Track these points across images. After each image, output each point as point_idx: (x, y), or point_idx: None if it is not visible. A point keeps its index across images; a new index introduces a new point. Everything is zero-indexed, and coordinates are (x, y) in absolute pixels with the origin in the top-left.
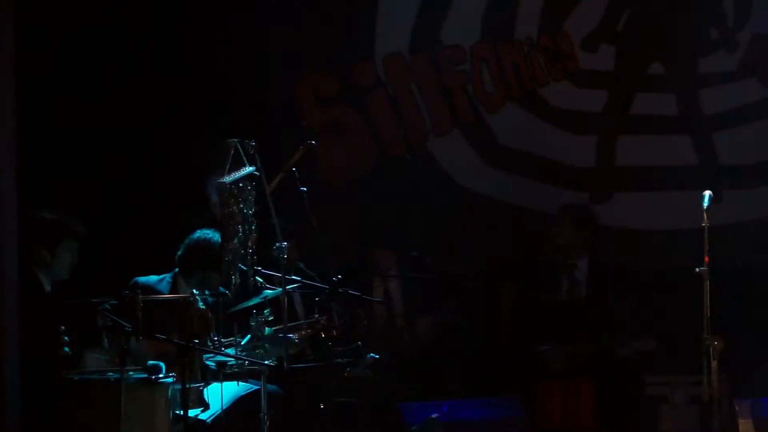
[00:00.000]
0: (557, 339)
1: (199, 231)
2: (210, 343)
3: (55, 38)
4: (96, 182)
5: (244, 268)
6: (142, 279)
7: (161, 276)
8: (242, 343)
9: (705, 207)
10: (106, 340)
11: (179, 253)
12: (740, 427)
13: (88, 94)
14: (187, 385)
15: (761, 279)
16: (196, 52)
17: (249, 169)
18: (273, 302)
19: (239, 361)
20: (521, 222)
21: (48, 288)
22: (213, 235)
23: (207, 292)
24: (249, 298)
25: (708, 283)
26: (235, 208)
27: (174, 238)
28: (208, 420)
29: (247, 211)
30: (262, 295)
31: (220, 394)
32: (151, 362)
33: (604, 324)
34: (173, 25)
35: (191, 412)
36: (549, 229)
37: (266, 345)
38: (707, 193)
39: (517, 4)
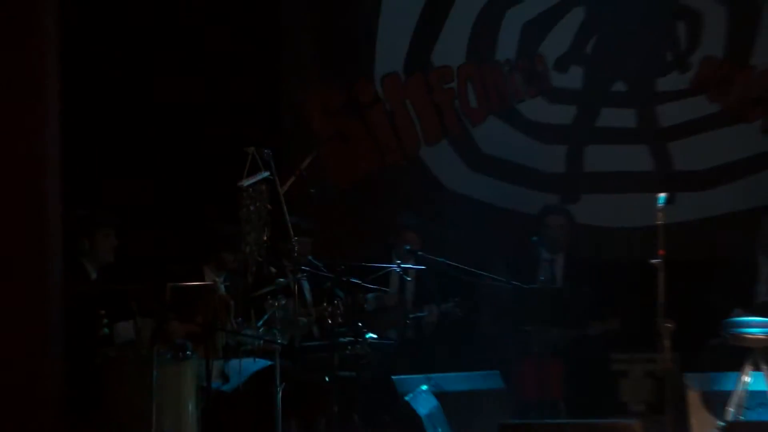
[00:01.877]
0: (536, 322)
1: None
2: (230, 325)
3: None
4: (133, 184)
5: (261, 260)
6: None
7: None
8: (258, 324)
9: (660, 207)
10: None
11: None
12: (689, 398)
13: (125, 105)
14: (210, 361)
15: (709, 269)
16: (220, 75)
17: (264, 173)
18: (285, 289)
19: (256, 340)
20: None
21: (94, 275)
22: (219, 223)
23: (228, 280)
24: (264, 285)
25: (662, 273)
26: (252, 207)
27: (201, 231)
28: (229, 391)
29: (263, 210)
30: (275, 283)
31: (239, 369)
32: (179, 341)
33: (576, 309)
34: (201, 51)
35: (213, 385)
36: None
37: (279, 326)
38: (662, 195)
39: (498, 31)
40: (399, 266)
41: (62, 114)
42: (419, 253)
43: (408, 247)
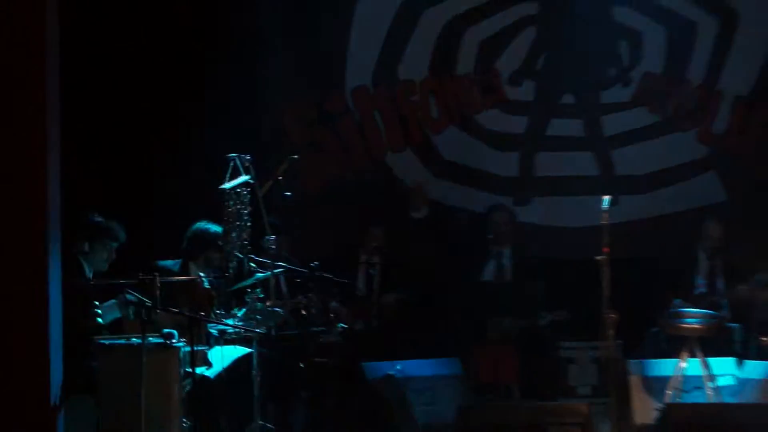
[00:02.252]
0: (490, 313)
1: (197, 223)
2: (213, 315)
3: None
4: (124, 186)
5: (241, 256)
6: (161, 263)
7: (175, 261)
8: (239, 315)
9: (604, 209)
10: (131, 312)
11: (185, 242)
12: (631, 383)
13: (112, 116)
14: (195, 348)
15: (649, 265)
16: (208, 89)
17: (245, 177)
18: (263, 283)
19: (236, 330)
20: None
21: (90, 274)
22: (208, 224)
23: (211, 275)
24: (244, 279)
25: (606, 268)
26: (233, 208)
27: (184, 231)
28: (212, 376)
29: (243, 211)
30: (254, 278)
31: (221, 356)
32: (166, 330)
33: (527, 301)
34: (188, 68)
35: (198, 370)
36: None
37: (258, 317)
38: (606, 198)
39: (458, 48)
40: (367, 261)
41: (63, 117)
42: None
43: (374, 245)
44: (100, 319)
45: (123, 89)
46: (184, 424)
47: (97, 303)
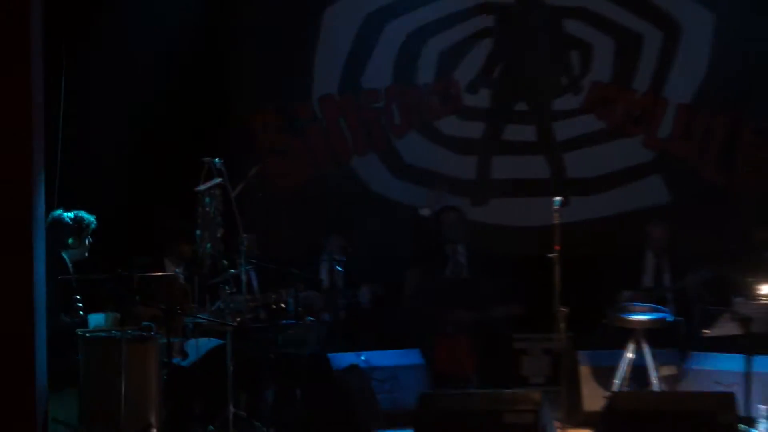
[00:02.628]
0: (448, 306)
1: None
2: (189, 309)
3: None
4: (104, 188)
5: (214, 254)
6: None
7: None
8: (213, 309)
9: (556, 209)
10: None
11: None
12: (581, 372)
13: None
14: (172, 340)
15: (598, 262)
16: (183, 95)
17: (217, 180)
18: (235, 279)
19: (210, 323)
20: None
21: (71, 267)
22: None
23: (186, 272)
24: (218, 275)
25: (558, 265)
26: (208, 209)
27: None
28: (187, 366)
29: (217, 211)
30: (227, 274)
31: (196, 347)
32: (145, 323)
33: (483, 295)
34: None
35: (174, 360)
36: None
37: (230, 311)
38: (558, 199)
39: (419, 58)
40: (334, 258)
41: (49, 120)
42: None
43: (338, 243)
44: (82, 312)
45: (101, 92)
46: (161, 411)
47: (79, 297)
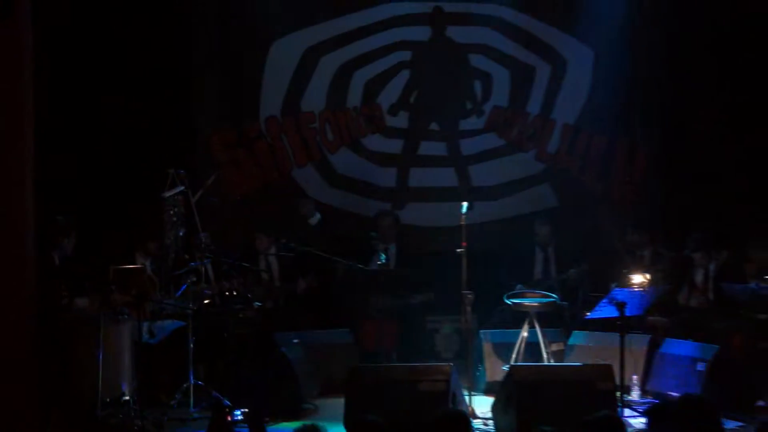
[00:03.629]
0: (375, 293)
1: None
2: (156, 296)
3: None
4: (84, 193)
5: (177, 249)
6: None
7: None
8: (176, 295)
9: (463, 212)
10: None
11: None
12: (484, 348)
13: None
14: (142, 322)
15: (498, 256)
16: (149, 113)
17: (180, 187)
18: (195, 271)
19: (174, 307)
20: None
21: (57, 262)
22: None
23: (154, 265)
24: (180, 268)
25: (465, 259)
26: (172, 212)
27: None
28: (155, 344)
29: (179, 214)
30: (188, 266)
31: (162, 328)
32: (119, 308)
33: (403, 284)
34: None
35: (144, 339)
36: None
37: (191, 297)
38: (464, 204)
39: (348, 86)
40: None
41: (38, 128)
42: (285, 243)
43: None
44: (65, 299)
45: (75, 107)
46: (133, 382)
47: (63, 286)
